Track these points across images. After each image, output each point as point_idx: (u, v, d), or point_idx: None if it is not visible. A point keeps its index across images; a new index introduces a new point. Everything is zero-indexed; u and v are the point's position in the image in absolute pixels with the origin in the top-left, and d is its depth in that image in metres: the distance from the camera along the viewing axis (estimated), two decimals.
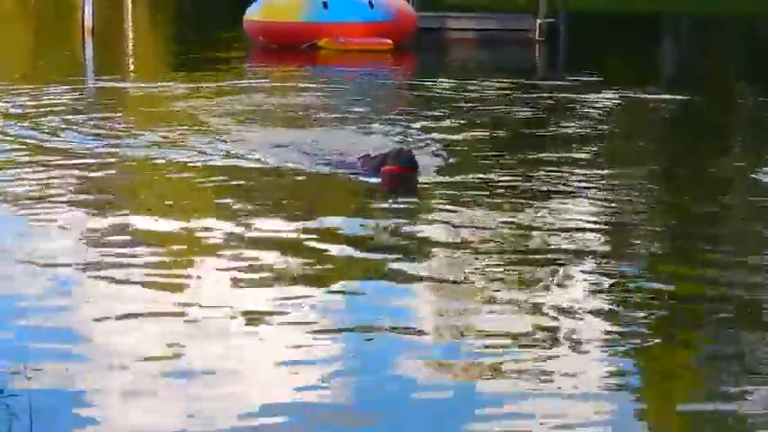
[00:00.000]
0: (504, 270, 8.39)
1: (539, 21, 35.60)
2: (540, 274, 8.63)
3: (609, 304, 7.77)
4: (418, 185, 10.24)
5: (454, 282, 8.26)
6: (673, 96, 22.77)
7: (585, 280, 8.34)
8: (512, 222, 10.19)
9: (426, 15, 35.12)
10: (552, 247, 9.53)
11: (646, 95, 22.21)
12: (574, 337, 7.11)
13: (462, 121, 17.62)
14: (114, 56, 31.19)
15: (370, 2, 32.50)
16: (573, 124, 17.61)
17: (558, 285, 8.33)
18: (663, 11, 51.60)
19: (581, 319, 7.45)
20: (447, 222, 9.74)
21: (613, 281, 8.38)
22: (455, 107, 19.66)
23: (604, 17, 48.02)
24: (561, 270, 8.75)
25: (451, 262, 8.58)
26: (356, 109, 19.17)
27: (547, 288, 8.21)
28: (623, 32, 41.27)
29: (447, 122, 17.30)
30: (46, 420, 5.45)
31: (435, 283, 8.38)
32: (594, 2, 52.90)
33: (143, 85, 24.05)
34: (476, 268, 8.43)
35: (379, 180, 10.24)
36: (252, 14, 32.40)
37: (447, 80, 24.23)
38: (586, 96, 21.81)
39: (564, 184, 12.32)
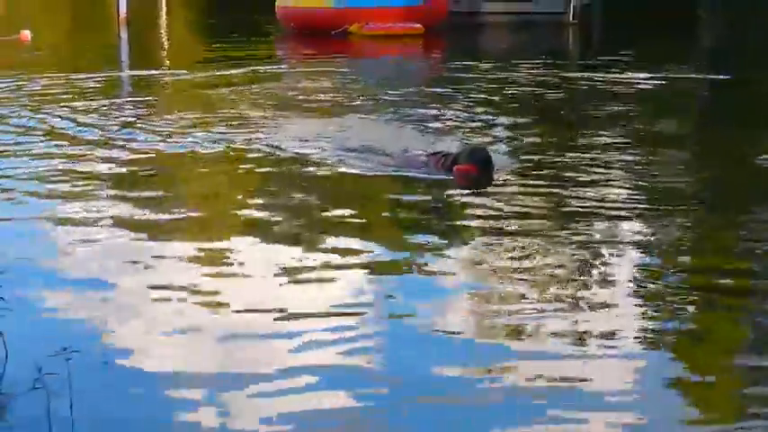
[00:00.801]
0: (549, 263, 8.32)
1: (573, 3, 35.52)
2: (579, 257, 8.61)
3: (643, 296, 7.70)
4: (494, 183, 9.93)
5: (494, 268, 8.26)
6: (710, 76, 22.85)
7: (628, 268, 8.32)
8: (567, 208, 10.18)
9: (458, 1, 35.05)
10: (591, 229, 9.54)
11: (681, 75, 22.09)
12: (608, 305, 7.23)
13: (500, 107, 17.52)
14: (149, 44, 31.22)
15: None
16: (607, 107, 17.52)
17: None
18: None
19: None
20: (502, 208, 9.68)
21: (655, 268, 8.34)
22: (491, 92, 19.57)
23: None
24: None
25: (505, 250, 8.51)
26: (391, 96, 18.99)
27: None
28: (660, 10, 41.03)
29: (484, 108, 17.15)
30: (86, 401, 5.54)
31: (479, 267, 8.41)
32: None
33: (179, 72, 24.11)
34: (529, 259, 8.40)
35: (453, 178, 10.04)
36: (283, 1, 32.48)
37: (481, 64, 24.16)
38: (613, 74, 22.04)
39: (602, 167, 12.16)
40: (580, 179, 11.37)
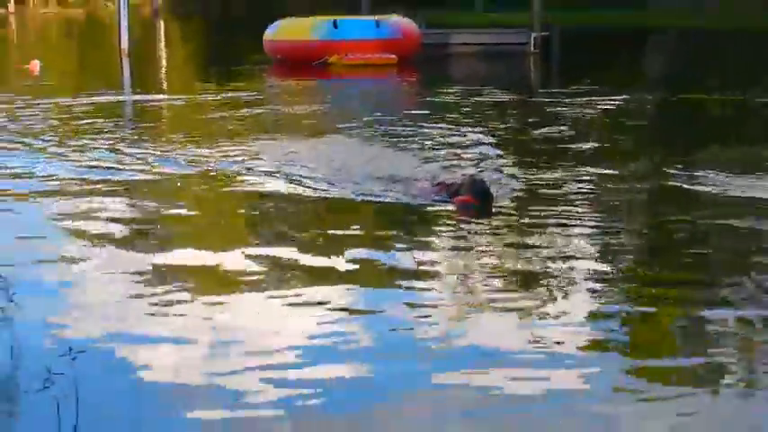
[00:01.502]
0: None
1: (533, 35, 35.65)
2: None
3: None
4: (492, 214, 9.69)
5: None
6: (654, 98, 22.99)
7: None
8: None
9: (430, 32, 35.20)
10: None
11: (628, 98, 22.10)
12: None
13: (470, 127, 17.37)
14: (148, 73, 31.24)
15: (376, 21, 32.83)
16: (565, 126, 17.42)
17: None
18: (646, 25, 51.75)
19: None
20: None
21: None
22: (463, 114, 19.55)
23: (596, 31, 48.14)
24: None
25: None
26: (369, 118, 18.84)
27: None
28: (611, 44, 41.42)
29: (456, 129, 16.99)
30: (92, 399, 5.40)
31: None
32: (585, 17, 52.96)
33: (176, 98, 24.08)
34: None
35: (453, 207, 9.79)
36: (270, 35, 32.78)
37: (450, 89, 24.27)
38: (570, 97, 22.05)
39: (570, 182, 12.03)
40: (550, 194, 11.22)
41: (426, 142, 15.50)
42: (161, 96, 24.54)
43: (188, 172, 12.99)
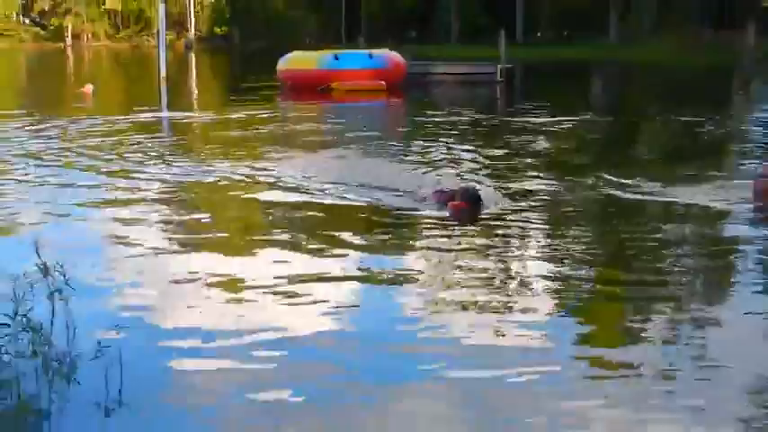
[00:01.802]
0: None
1: (500, 66, 35.65)
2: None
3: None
4: (480, 217, 9.58)
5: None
6: (597, 119, 23.15)
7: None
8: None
9: (414, 63, 35.22)
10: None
11: (578, 118, 22.20)
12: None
13: (449, 141, 17.34)
14: (181, 95, 31.33)
15: (369, 54, 33.17)
16: (527, 141, 17.40)
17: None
18: (593, 57, 51.89)
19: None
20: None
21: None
22: (442, 130, 19.44)
23: (553, 63, 48.27)
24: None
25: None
26: (364, 134, 18.90)
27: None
28: (565, 73, 41.54)
29: (438, 143, 16.97)
30: (133, 367, 5.40)
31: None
32: (542, 53, 53.05)
33: (203, 116, 24.43)
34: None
35: (448, 212, 9.66)
36: (281, 65, 32.74)
37: (431, 110, 24.29)
38: (531, 118, 22.13)
39: (524, 194, 11.92)
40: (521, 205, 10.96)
41: (413, 154, 15.39)
42: (192, 114, 24.78)
43: (211, 179, 12.85)
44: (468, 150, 15.99)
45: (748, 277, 7.71)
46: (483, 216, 9.63)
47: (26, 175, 13.26)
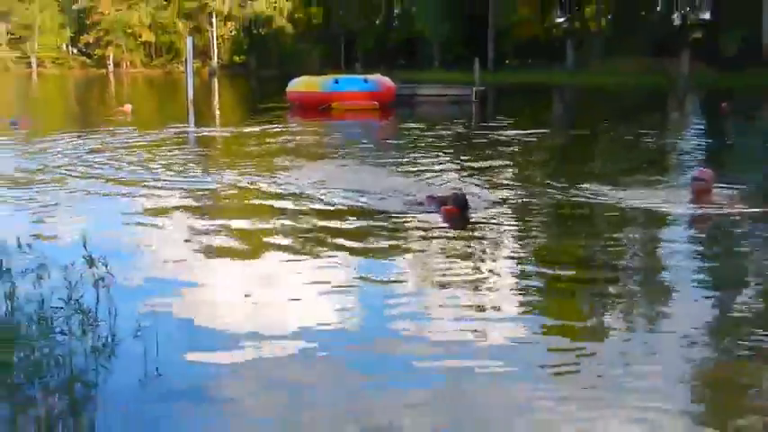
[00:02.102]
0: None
1: (474, 89, 35.64)
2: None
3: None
4: (469, 221, 9.39)
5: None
6: (567, 129, 23.15)
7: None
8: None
9: (402, 86, 35.19)
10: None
11: (540, 131, 22.27)
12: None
13: (435, 152, 17.32)
14: (206, 113, 31.25)
15: (364, 78, 33.09)
16: (498, 152, 17.35)
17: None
18: (553, 82, 51.97)
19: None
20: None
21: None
22: (430, 142, 19.37)
23: (521, 86, 48.33)
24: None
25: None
26: (363, 147, 18.97)
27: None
28: (530, 94, 41.65)
29: (427, 153, 16.91)
30: (168, 344, 5.45)
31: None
32: (510, 78, 53.09)
33: (224, 130, 24.38)
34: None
35: (440, 216, 9.46)
36: (290, 87, 32.69)
37: (419, 125, 24.27)
38: (505, 130, 22.23)
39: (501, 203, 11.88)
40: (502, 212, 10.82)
41: (403, 163, 15.31)
42: (214, 129, 24.72)
43: (229, 184, 12.71)
44: (449, 159, 15.98)
45: (687, 270, 7.62)
46: (471, 219, 9.49)
47: (74, 178, 13.19)
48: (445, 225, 9.26)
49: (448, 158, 16.03)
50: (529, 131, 22.12)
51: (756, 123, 25.62)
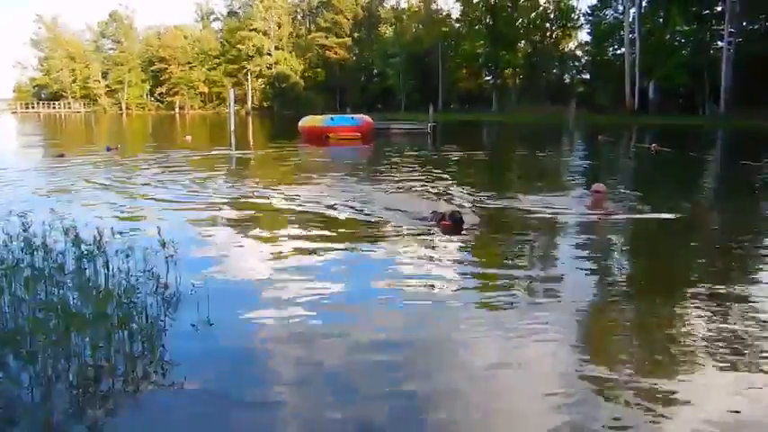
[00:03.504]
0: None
1: (429, 124, 35.58)
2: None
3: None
4: (463, 232, 8.36)
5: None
6: (494, 151, 22.89)
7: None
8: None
9: (379, 122, 35.10)
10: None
11: (477, 152, 22.18)
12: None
13: (399, 166, 17.16)
14: (243, 141, 30.90)
15: (352, 117, 32.84)
16: (446, 168, 17.15)
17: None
18: (483, 120, 51.99)
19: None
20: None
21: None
22: (401, 162, 19.11)
23: (460, 123, 48.24)
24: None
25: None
26: (351, 166, 18.68)
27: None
28: (467, 128, 41.62)
29: (399, 172, 16.57)
30: (216, 304, 5.34)
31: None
32: (453, 117, 52.96)
33: (256, 152, 24.01)
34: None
35: (439, 228, 8.46)
36: (301, 123, 32.24)
37: (391, 151, 24.04)
38: (450, 151, 22.17)
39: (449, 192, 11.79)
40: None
41: (383, 175, 15.17)
42: (248, 152, 24.34)
43: (258, 192, 12.52)
44: (415, 172, 15.80)
45: (587, 268, 7.01)
46: (465, 231, 8.48)
47: (151, 186, 13.09)
48: (442, 235, 8.27)
49: (415, 172, 15.87)
50: (467, 153, 22.18)
51: (620, 149, 25.88)
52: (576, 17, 66.30)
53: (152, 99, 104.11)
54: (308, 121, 32.30)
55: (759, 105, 41.72)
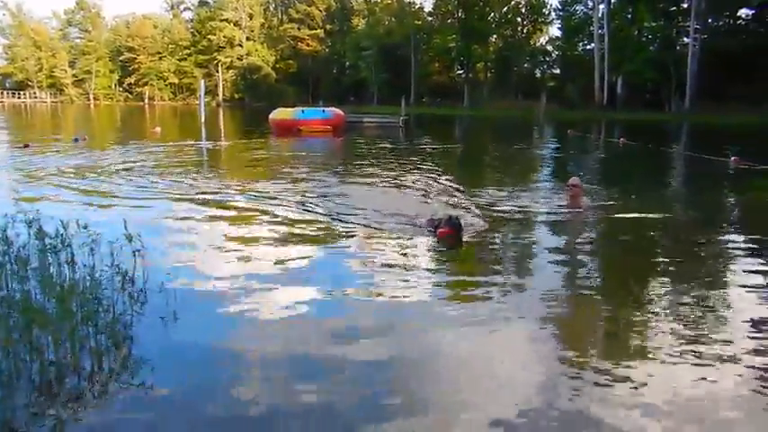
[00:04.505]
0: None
1: (401, 117, 35.60)
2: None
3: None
4: (462, 240, 7.40)
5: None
6: (466, 145, 22.99)
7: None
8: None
9: (351, 115, 35.08)
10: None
11: (447, 145, 22.32)
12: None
13: (373, 162, 17.03)
14: (213, 132, 30.53)
15: (323, 109, 32.80)
16: (420, 157, 17.39)
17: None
18: (455, 114, 52.12)
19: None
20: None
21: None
22: (372, 154, 19.13)
23: (432, 116, 48.32)
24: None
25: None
26: (321, 157, 18.76)
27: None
28: (439, 122, 41.72)
29: (371, 162, 16.57)
30: (184, 299, 5.28)
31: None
32: (425, 111, 53.06)
33: (227, 144, 23.69)
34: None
35: (436, 237, 7.40)
36: (271, 115, 31.93)
37: (361, 142, 24.07)
38: (423, 145, 22.19)
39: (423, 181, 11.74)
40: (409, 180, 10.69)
41: (355, 170, 14.97)
42: (219, 143, 24.08)
43: (227, 182, 12.45)
44: (388, 164, 15.77)
45: (559, 261, 7.02)
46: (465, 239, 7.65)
47: (119, 176, 12.82)
48: (441, 244, 7.39)
49: (387, 164, 15.79)
50: (439, 145, 22.31)
51: (589, 142, 26.17)
52: (547, 12, 66.94)
53: (121, 89, 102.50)
54: (278, 114, 32.00)
55: (723, 101, 42.53)
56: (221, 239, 7.67)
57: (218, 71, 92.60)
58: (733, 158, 16.28)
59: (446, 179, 13.08)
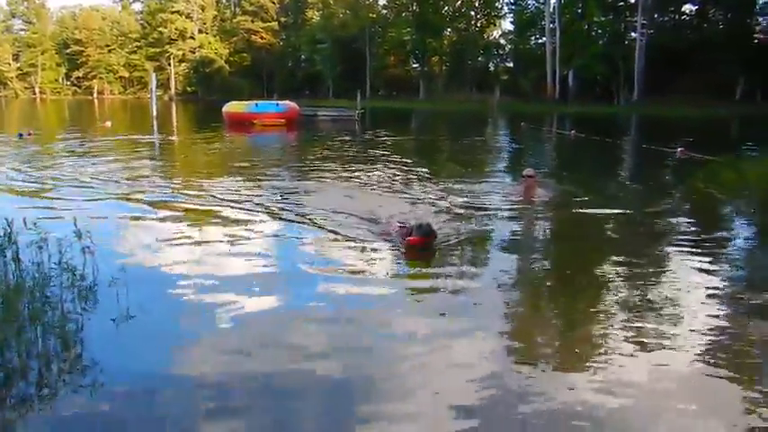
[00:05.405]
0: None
1: (357, 111, 35.49)
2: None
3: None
4: (434, 247, 6.71)
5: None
6: (422, 138, 23.01)
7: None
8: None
9: (305, 108, 34.89)
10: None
11: (405, 137, 22.34)
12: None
13: (326, 155, 16.90)
14: (165, 126, 29.95)
15: (277, 103, 32.85)
16: (377, 150, 17.39)
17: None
18: (411, 107, 52.27)
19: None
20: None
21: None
22: (328, 148, 19.01)
23: (388, 110, 48.35)
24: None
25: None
26: (273, 150, 18.56)
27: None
28: (395, 115, 41.75)
29: (324, 156, 16.45)
30: (138, 296, 5.15)
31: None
32: (380, 104, 53.11)
33: (178, 138, 23.26)
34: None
35: (405, 248, 6.61)
36: (224, 108, 31.72)
37: (317, 137, 23.98)
38: (379, 138, 22.07)
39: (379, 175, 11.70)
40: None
41: (308, 163, 14.89)
42: (171, 137, 23.60)
43: (180, 175, 12.21)
44: (343, 156, 15.69)
45: (517, 251, 7.16)
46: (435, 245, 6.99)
47: (66, 172, 12.47)
48: (410, 257, 6.61)
49: (342, 156, 15.75)
50: (396, 138, 22.42)
51: (542, 135, 26.55)
52: (500, 6, 67.45)
53: (68, 83, 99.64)
54: (231, 107, 31.59)
55: (668, 94, 43.65)
56: (173, 236, 7.49)
57: (169, 64, 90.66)
58: (679, 149, 16.72)
59: (404, 172, 12.98)
